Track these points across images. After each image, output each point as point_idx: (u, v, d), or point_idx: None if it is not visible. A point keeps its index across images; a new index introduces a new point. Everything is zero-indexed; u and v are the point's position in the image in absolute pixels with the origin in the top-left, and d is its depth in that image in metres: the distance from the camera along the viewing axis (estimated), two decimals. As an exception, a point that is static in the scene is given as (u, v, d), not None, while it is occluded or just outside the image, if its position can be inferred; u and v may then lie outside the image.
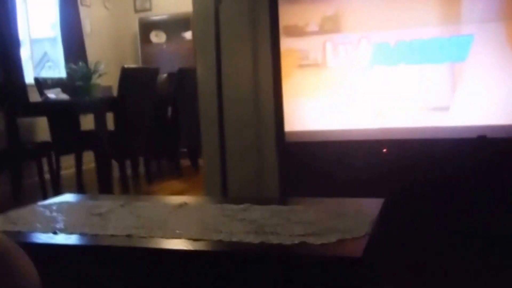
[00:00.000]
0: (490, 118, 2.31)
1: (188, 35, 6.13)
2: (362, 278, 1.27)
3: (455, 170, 2.32)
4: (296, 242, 1.31)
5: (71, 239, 1.46)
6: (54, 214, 1.72)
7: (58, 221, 1.62)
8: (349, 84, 2.51)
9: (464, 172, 2.31)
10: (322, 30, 2.51)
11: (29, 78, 4.78)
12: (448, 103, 2.36)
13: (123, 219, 1.61)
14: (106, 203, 1.83)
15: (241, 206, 1.70)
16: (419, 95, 2.41)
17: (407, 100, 2.42)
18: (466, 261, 2.25)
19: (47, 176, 4.15)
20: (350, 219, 1.49)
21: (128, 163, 4.53)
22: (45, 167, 4.12)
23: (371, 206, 1.61)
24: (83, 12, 5.80)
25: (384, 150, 2.40)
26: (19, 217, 1.69)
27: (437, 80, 2.37)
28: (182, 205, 1.77)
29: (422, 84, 2.40)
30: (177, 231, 1.46)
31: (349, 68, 2.50)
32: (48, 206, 1.83)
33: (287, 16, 2.56)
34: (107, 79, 4.60)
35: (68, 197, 2.01)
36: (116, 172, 4.27)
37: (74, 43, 5.53)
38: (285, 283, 1.27)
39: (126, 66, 4.31)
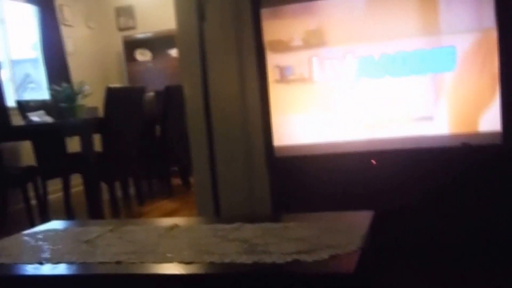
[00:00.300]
0: (473, 126, 2.32)
1: (173, 52, 6.13)
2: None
3: (442, 178, 2.32)
4: (289, 260, 1.29)
5: (58, 269, 1.41)
6: (40, 243, 1.68)
7: (44, 251, 1.58)
8: (336, 97, 2.51)
9: (451, 180, 2.31)
10: (307, 44, 2.51)
11: (10, 101, 4.71)
12: (433, 113, 2.37)
13: (112, 245, 1.57)
14: (94, 229, 1.80)
15: (233, 225, 1.67)
16: (404, 106, 2.42)
17: (393, 111, 2.43)
18: (460, 270, 2.24)
19: (33, 202, 4.07)
20: (342, 234, 1.47)
21: (117, 184, 4.48)
22: (31, 193, 4.04)
23: (362, 219, 1.60)
24: (65, 31, 5.75)
25: (373, 161, 2.40)
26: (3, 247, 1.65)
27: (421, 90, 2.39)
28: (173, 227, 1.74)
29: (407, 95, 2.40)
30: (169, 255, 1.43)
31: (335, 82, 2.50)
32: (33, 235, 1.79)
33: (271, 31, 2.56)
34: (92, 99, 4.56)
35: (55, 224, 1.97)
36: (106, 195, 4.22)
37: (56, 63, 5.45)
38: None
39: (111, 86, 4.27)
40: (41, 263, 1.45)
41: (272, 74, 2.62)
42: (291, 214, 1.94)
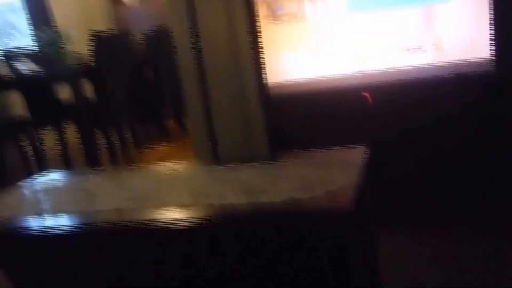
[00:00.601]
0: (466, 55, 2.29)
1: (160, -8, 5.95)
2: (353, 229, 1.27)
3: (436, 109, 2.31)
4: (285, 198, 1.31)
5: (57, 220, 1.43)
6: (38, 194, 1.69)
7: (43, 202, 1.59)
8: (327, 32, 2.46)
9: (445, 110, 2.31)
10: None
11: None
12: (425, 43, 2.34)
13: (110, 193, 1.58)
14: (92, 178, 1.80)
15: (229, 166, 1.68)
16: (396, 38, 2.38)
17: (385, 44, 2.39)
18: (457, 208, 2.27)
19: (29, 153, 4.06)
20: (337, 170, 1.47)
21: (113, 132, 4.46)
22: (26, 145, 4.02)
23: (357, 155, 1.60)
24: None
25: (366, 94, 2.38)
26: (0, 200, 1.66)
27: (413, 22, 2.34)
28: (170, 172, 1.75)
29: (399, 27, 2.36)
30: (167, 200, 1.44)
31: (326, 16, 2.44)
32: (31, 186, 1.79)
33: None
34: (77, 45, 4.44)
35: (52, 175, 1.97)
36: (101, 142, 4.22)
37: (38, 8, 5.27)
38: (278, 240, 1.27)
39: (99, 32, 4.16)
40: (40, 215, 1.47)
41: (261, 11, 2.55)
42: (287, 152, 1.95)
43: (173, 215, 1.35)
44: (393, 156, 2.35)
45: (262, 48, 2.51)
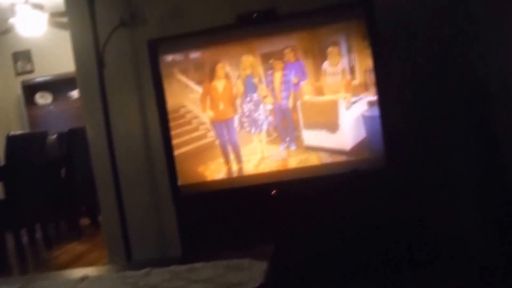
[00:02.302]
0: (360, 154, 2.56)
1: (75, 93, 6.05)
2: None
3: (338, 204, 2.51)
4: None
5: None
6: None
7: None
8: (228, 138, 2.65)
9: (345, 205, 2.51)
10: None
11: None
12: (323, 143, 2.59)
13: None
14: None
15: (142, 271, 1.74)
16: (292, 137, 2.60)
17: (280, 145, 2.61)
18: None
19: None
20: (245, 271, 1.58)
21: (24, 231, 4.33)
22: None
23: (263, 254, 1.72)
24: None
25: (273, 192, 2.55)
26: None
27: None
28: (83, 279, 1.77)
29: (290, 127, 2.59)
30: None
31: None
32: None
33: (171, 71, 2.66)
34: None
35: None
36: (11, 243, 4.07)
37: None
38: None
39: (11, 133, 4.17)
40: None
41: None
42: (200, 252, 2.02)
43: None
44: (299, 251, 2.49)
45: (173, 150, 2.64)
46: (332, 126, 2.57)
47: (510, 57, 2.54)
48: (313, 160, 2.59)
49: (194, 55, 2.67)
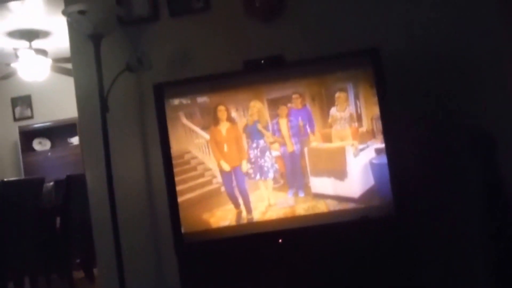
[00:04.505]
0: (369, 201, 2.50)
1: (75, 140, 6.01)
2: None
3: (345, 252, 2.43)
4: None
5: None
6: None
7: None
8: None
9: (353, 252, 2.44)
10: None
11: None
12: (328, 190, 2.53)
13: None
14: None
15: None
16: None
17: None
18: None
19: None
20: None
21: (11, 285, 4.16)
22: None
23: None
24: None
25: (279, 239, 2.47)
26: None
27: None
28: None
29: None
30: None
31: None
32: None
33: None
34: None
35: None
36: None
37: None
38: None
39: (5, 180, 4.08)
40: None
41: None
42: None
43: None
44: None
45: (177, 196, 2.56)
46: (340, 173, 2.53)
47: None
48: (321, 207, 2.52)
49: (201, 100, 2.64)
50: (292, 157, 2.57)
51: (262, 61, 2.64)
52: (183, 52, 2.98)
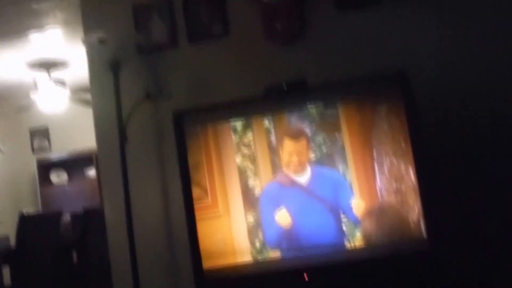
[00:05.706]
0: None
1: (91, 172, 5.94)
2: None
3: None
4: None
5: None
6: None
7: None
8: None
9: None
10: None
11: None
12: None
13: None
14: None
15: None
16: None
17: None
18: None
19: None
20: None
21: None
22: None
23: None
24: (-26, 157, 5.47)
25: (304, 275, 2.32)
26: None
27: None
28: None
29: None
30: None
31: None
32: None
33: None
34: (3, 227, 4.23)
35: None
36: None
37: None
38: None
39: (25, 213, 4.01)
40: None
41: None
42: None
43: None
44: None
45: (197, 231, 2.43)
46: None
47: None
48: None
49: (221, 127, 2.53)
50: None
51: (284, 86, 2.52)
52: (202, 78, 2.90)
